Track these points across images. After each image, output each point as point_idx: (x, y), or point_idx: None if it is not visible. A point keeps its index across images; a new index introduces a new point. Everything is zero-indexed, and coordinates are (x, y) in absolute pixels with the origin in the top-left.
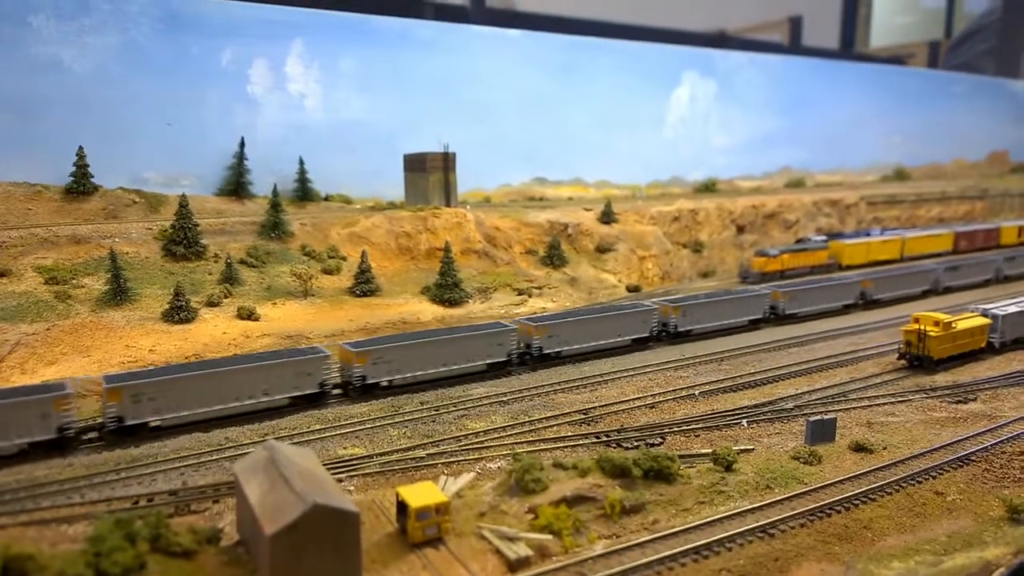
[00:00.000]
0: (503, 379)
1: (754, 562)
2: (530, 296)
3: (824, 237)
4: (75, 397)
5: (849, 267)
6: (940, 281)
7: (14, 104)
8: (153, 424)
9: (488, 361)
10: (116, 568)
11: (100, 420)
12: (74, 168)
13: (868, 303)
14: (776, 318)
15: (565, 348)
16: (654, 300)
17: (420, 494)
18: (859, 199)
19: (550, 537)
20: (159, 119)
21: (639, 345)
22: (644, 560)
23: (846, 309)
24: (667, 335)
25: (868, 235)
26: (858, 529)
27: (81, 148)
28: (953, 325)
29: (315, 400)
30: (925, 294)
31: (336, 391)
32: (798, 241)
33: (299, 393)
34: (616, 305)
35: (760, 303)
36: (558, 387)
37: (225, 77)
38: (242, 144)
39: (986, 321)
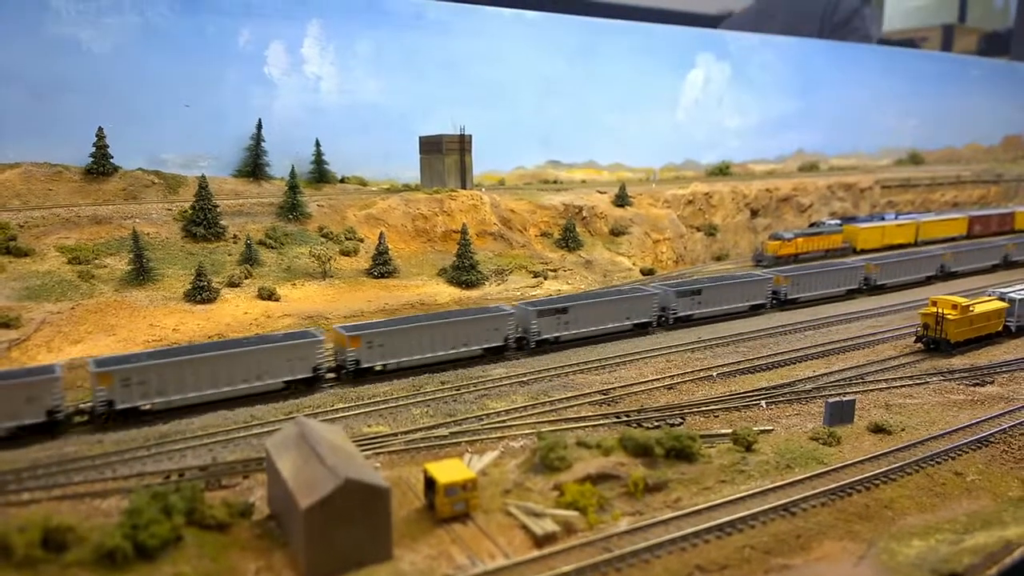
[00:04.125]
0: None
1: (776, 539)
2: (545, 278)
3: (838, 221)
4: None
5: (864, 251)
6: (872, 278)
7: (34, 85)
8: None
9: (287, 378)
10: (154, 540)
11: None
12: (93, 149)
13: (784, 303)
14: (668, 322)
15: (391, 361)
16: (522, 303)
17: (448, 470)
18: (873, 183)
19: (575, 514)
20: (177, 100)
21: (493, 355)
22: (668, 536)
23: (754, 310)
24: (527, 343)
25: (883, 219)
26: (878, 508)
27: (100, 129)
28: (971, 308)
29: (46, 431)
30: (851, 293)
31: (79, 419)
32: (812, 225)
33: (18, 423)
34: (464, 310)
35: (649, 304)
36: (575, 368)
37: (242, 58)
38: (259, 126)
39: (1003, 305)
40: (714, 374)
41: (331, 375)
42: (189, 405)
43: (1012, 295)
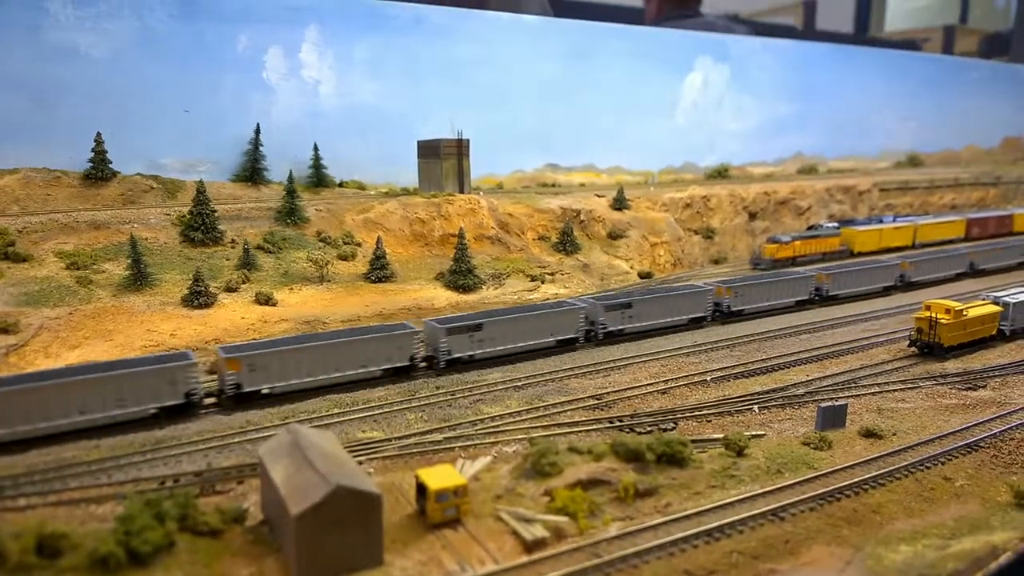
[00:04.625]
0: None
1: (765, 544)
2: (543, 282)
3: (836, 224)
4: None
5: (861, 254)
6: (824, 289)
7: (32, 90)
8: None
9: (153, 406)
10: (146, 546)
11: None
12: (92, 154)
13: (728, 315)
14: (597, 337)
15: (278, 384)
16: (431, 320)
17: (439, 476)
18: (872, 185)
19: (565, 519)
20: (175, 105)
21: (398, 377)
22: (657, 542)
23: (694, 324)
24: (437, 363)
25: (880, 222)
26: (867, 513)
27: (99, 134)
28: (964, 313)
29: None
30: (801, 304)
31: None
32: (810, 228)
33: None
34: (367, 328)
35: (575, 319)
36: (570, 373)
37: (240, 63)
38: (257, 130)
39: (997, 309)
40: (708, 378)
41: (211, 400)
42: (31, 439)
43: (1007, 299)
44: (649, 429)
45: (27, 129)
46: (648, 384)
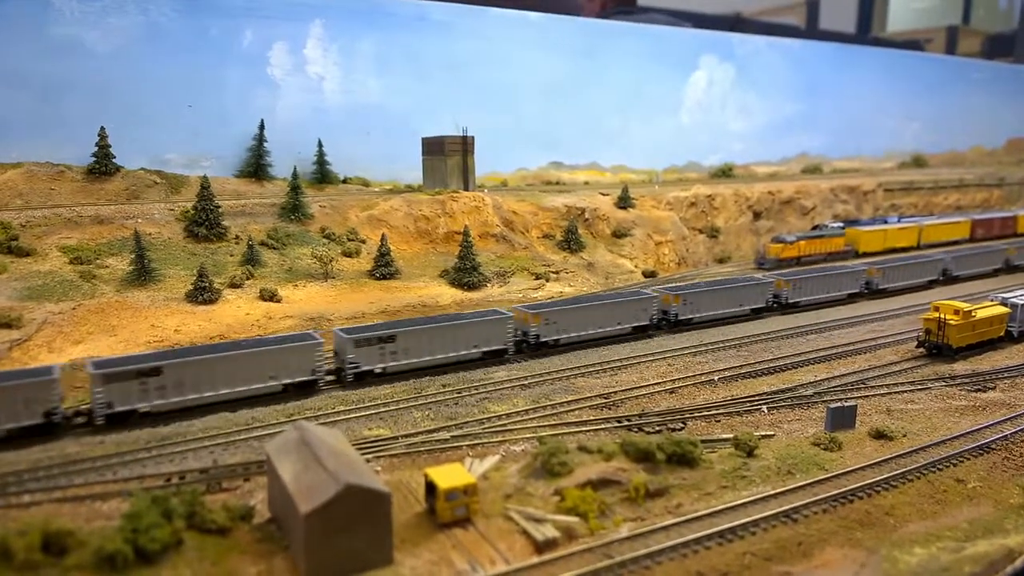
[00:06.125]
0: None
1: (778, 546)
2: (547, 280)
3: (841, 224)
4: None
5: (866, 254)
6: (673, 312)
7: (37, 85)
8: None
9: None
10: (154, 544)
11: None
12: (96, 149)
13: (536, 347)
14: (346, 379)
15: None
16: (94, 361)
17: (448, 475)
18: (876, 186)
19: (576, 519)
20: (180, 101)
21: (41, 437)
22: (670, 543)
23: (490, 358)
24: (92, 418)
25: (885, 222)
26: (880, 515)
27: (103, 129)
28: (973, 314)
29: None
30: (638, 331)
31: None
32: (815, 228)
33: None
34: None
35: (311, 356)
36: (577, 372)
37: (245, 59)
38: (262, 126)
39: (1005, 310)
40: (715, 378)
41: None
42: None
43: (1014, 300)
44: (658, 429)
45: (31, 123)
46: (655, 383)
